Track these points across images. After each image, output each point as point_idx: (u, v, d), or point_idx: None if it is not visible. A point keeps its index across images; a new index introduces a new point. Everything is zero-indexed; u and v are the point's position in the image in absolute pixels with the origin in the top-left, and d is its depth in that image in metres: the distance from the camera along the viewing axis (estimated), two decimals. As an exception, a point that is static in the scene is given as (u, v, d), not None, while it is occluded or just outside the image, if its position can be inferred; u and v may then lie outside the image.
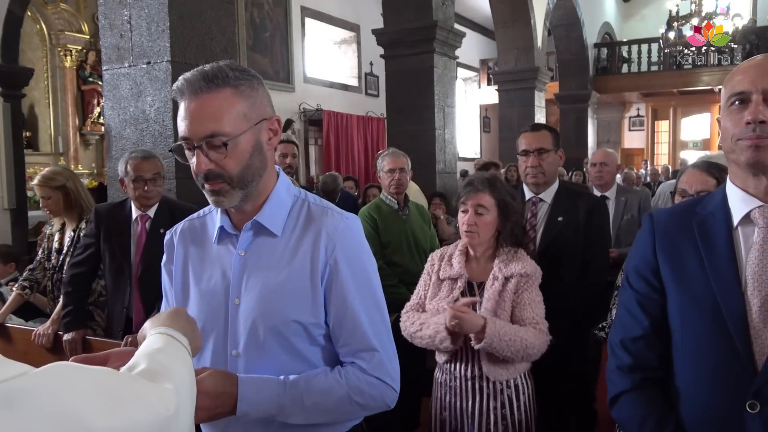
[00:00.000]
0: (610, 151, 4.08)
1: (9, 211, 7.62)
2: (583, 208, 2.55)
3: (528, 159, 2.56)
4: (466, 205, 2.12)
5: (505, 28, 9.36)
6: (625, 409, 1.26)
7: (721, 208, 1.19)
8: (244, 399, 1.12)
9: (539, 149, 2.54)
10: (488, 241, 2.14)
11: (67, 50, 9.02)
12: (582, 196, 2.68)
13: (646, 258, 1.25)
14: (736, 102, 1.15)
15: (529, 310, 2.05)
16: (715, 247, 1.16)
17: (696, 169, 2.01)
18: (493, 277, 2.09)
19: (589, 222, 2.54)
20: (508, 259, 2.10)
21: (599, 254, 2.57)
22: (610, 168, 3.88)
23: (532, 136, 2.58)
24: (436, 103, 6.08)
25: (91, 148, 9.56)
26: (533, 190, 2.62)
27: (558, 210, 2.57)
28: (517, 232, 2.16)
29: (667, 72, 13.78)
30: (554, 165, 2.59)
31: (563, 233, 2.52)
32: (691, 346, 1.17)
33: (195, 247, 1.33)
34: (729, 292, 1.11)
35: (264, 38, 9.47)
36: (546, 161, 2.55)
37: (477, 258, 2.17)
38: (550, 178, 2.60)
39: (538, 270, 2.13)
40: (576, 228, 2.52)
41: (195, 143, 1.15)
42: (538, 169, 2.55)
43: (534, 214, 2.61)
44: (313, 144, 10.71)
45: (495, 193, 2.10)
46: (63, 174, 3.23)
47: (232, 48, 3.55)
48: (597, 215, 2.59)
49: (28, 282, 3.33)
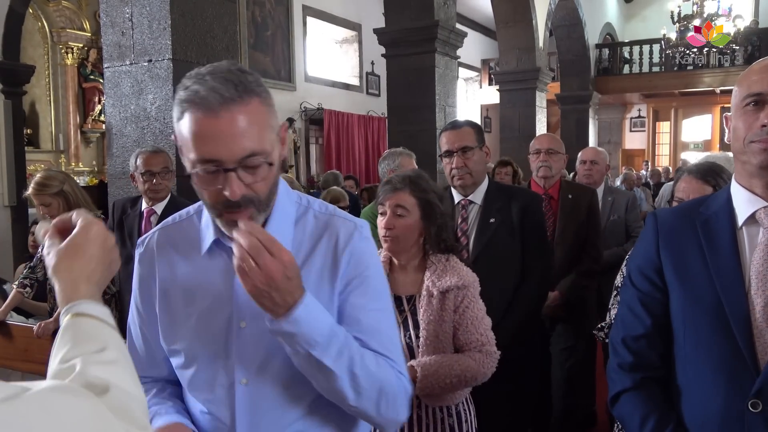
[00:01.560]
0: (600, 149, 3.98)
1: (9, 208, 7.62)
2: (516, 207, 2.37)
3: (452, 160, 2.38)
4: (384, 206, 1.86)
5: (506, 28, 9.36)
6: (626, 407, 1.26)
7: (725, 208, 1.19)
8: None
9: (463, 148, 2.36)
10: (412, 248, 1.88)
11: (69, 48, 9.02)
12: (515, 193, 2.50)
13: (650, 257, 1.24)
14: (751, 103, 1.13)
15: (473, 331, 1.81)
16: (718, 247, 1.15)
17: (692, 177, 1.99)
18: (426, 293, 1.82)
19: (524, 221, 2.36)
20: (440, 270, 1.84)
21: (538, 255, 2.38)
22: (600, 167, 3.77)
23: (454, 134, 2.41)
24: (437, 103, 6.07)
25: (91, 145, 9.57)
26: (461, 192, 2.44)
27: (489, 211, 2.39)
28: (446, 236, 1.89)
29: (669, 73, 13.78)
30: (480, 163, 2.41)
31: (497, 236, 2.34)
32: (693, 346, 1.17)
33: (181, 261, 1.14)
34: (732, 292, 1.11)
35: (265, 37, 9.47)
36: (471, 160, 2.37)
37: (403, 267, 1.90)
38: (478, 178, 2.42)
39: (475, 279, 1.88)
40: (510, 229, 2.35)
41: (228, 166, 0.97)
42: (464, 169, 2.37)
43: (465, 219, 2.42)
44: (313, 143, 10.71)
45: (416, 192, 1.84)
46: (57, 178, 3.15)
47: (234, 46, 3.55)
48: (531, 213, 2.41)
49: (29, 280, 3.34)
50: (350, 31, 11.62)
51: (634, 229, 3.75)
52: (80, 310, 0.87)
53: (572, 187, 3.23)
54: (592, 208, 3.12)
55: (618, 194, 3.88)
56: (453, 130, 2.44)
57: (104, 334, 0.85)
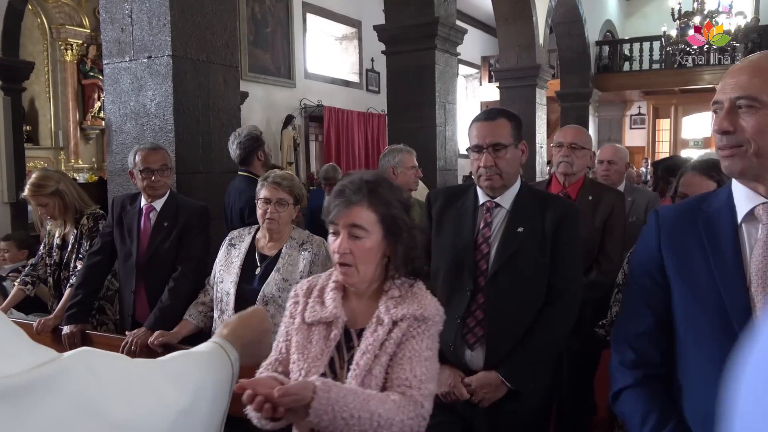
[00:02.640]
0: (619, 146, 3.72)
1: (9, 205, 7.62)
2: (550, 217, 2.02)
3: (481, 157, 2.01)
4: (336, 225, 1.47)
5: (506, 25, 9.34)
6: (627, 404, 1.26)
7: (726, 205, 1.19)
8: None
9: (495, 144, 1.99)
10: (375, 274, 1.51)
11: (68, 44, 9.00)
12: (550, 200, 2.13)
13: (652, 254, 1.24)
14: (716, 111, 1.16)
15: (406, 368, 1.41)
16: (720, 244, 1.16)
17: (695, 173, 1.99)
18: (376, 321, 1.47)
19: (557, 235, 2.01)
20: (399, 296, 1.49)
21: (570, 277, 2.04)
22: (618, 166, 3.55)
23: (486, 127, 2.02)
24: (437, 100, 6.07)
25: (91, 142, 9.55)
26: (488, 193, 2.09)
27: (518, 218, 2.04)
28: (415, 256, 1.53)
29: (669, 70, 13.76)
30: (514, 163, 2.06)
31: (524, 248, 2.00)
32: (694, 343, 1.17)
33: None
34: (734, 289, 1.11)
35: (265, 33, 9.45)
36: (504, 159, 2.00)
37: (359, 295, 1.54)
38: (510, 179, 2.06)
39: (439, 313, 1.51)
40: (541, 241, 2.01)
41: None
42: (494, 169, 2.00)
43: (488, 224, 2.07)
44: (313, 140, 10.70)
45: (377, 205, 1.46)
46: (53, 177, 3.18)
47: (233, 43, 3.54)
48: (567, 226, 2.03)
49: (30, 277, 3.34)
50: (350, 27, 11.60)
51: None
52: (223, 344, 1.08)
53: (596, 188, 2.87)
54: (615, 214, 2.74)
55: (638, 194, 3.64)
56: (486, 121, 2.04)
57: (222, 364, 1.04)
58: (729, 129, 1.11)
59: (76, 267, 3.13)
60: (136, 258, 2.84)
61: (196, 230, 2.82)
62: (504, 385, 1.96)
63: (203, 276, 2.66)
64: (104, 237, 2.97)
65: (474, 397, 1.98)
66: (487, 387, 1.97)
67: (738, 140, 1.11)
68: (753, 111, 1.10)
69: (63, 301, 3.00)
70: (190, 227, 2.82)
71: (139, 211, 2.89)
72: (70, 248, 3.20)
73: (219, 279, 2.47)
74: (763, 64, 1.12)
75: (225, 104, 3.49)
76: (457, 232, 2.09)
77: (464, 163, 12.03)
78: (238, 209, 3.22)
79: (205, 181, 3.39)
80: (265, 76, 9.34)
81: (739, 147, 1.11)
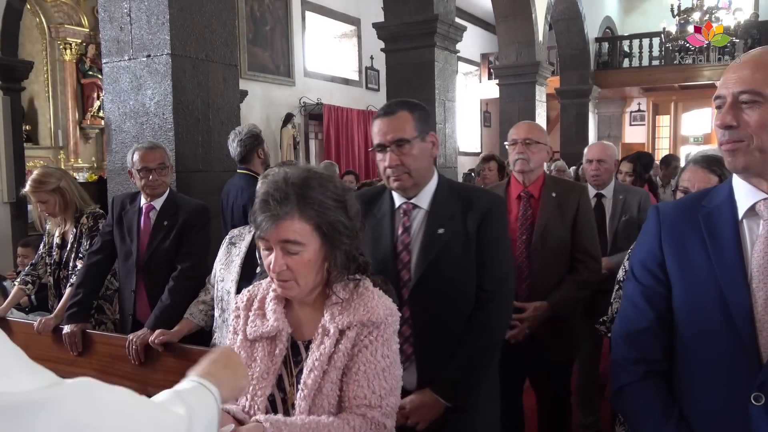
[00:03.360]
0: (607, 144, 3.60)
1: (9, 204, 7.61)
2: (473, 213, 1.82)
3: (385, 156, 1.82)
4: (267, 241, 1.31)
5: (506, 22, 9.33)
6: (629, 401, 1.26)
7: (727, 201, 1.19)
8: None
9: (397, 141, 1.80)
10: (316, 282, 1.36)
11: (67, 43, 8.99)
12: (472, 194, 1.91)
13: (652, 251, 1.24)
14: (719, 106, 1.16)
15: (363, 385, 1.28)
16: (721, 240, 1.15)
17: (698, 167, 1.99)
18: (321, 332, 1.33)
19: (482, 231, 1.82)
20: (344, 301, 1.35)
21: (498, 276, 1.85)
22: (608, 165, 3.43)
23: (387, 123, 1.82)
24: (436, 98, 6.07)
25: (90, 141, 9.54)
26: (403, 195, 1.89)
27: (438, 218, 1.83)
28: (357, 254, 1.38)
29: (669, 66, 13.75)
30: (423, 158, 1.85)
31: (447, 252, 1.80)
32: (696, 339, 1.17)
33: None
34: (735, 285, 1.11)
35: (264, 32, 9.44)
36: (410, 155, 1.81)
37: (303, 304, 1.40)
38: (421, 177, 1.85)
39: (392, 314, 1.36)
40: (464, 241, 1.81)
41: None
42: (400, 168, 1.81)
43: (407, 229, 1.86)
44: (313, 138, 10.69)
45: (309, 213, 1.29)
46: (54, 174, 3.19)
47: (232, 41, 3.54)
48: (493, 221, 1.84)
49: (30, 277, 3.34)
50: (349, 25, 11.59)
51: None
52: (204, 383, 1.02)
53: (558, 184, 2.73)
54: (582, 210, 2.62)
55: (630, 193, 3.51)
56: (385, 117, 1.83)
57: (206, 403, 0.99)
58: (732, 123, 1.11)
59: (75, 266, 3.13)
60: (136, 257, 2.84)
61: (196, 229, 2.83)
62: (440, 402, 1.78)
63: (203, 275, 2.66)
64: (104, 236, 2.97)
65: (409, 422, 1.77)
66: (422, 407, 1.78)
67: (741, 135, 1.11)
68: (756, 106, 1.10)
69: (63, 301, 3.00)
70: (190, 226, 2.82)
71: (139, 210, 2.89)
72: (69, 247, 3.20)
73: (219, 278, 2.47)
74: (765, 59, 1.12)
75: (224, 103, 3.49)
76: (376, 242, 1.85)
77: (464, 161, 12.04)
78: (241, 206, 3.22)
79: (204, 180, 3.39)
80: (264, 74, 9.32)
81: (740, 142, 1.11)
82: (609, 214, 3.41)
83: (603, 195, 3.45)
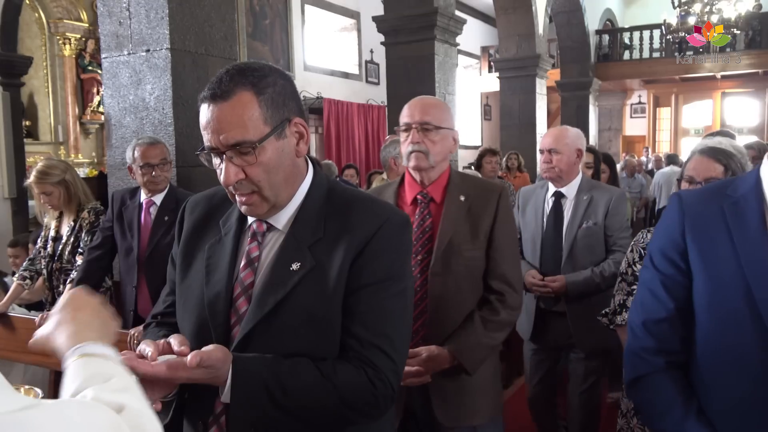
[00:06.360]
0: (565, 128, 2.85)
1: (9, 200, 7.61)
2: (349, 240, 1.18)
3: (222, 166, 1.20)
4: None
5: (506, 14, 9.31)
6: (648, 392, 1.22)
7: (753, 191, 1.14)
8: None
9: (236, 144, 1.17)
10: None
11: (66, 38, 8.99)
12: (359, 205, 1.24)
13: (674, 239, 1.20)
14: None
15: None
16: (747, 231, 1.11)
17: (703, 156, 1.98)
18: None
19: (353, 274, 1.17)
20: None
21: (376, 343, 1.16)
22: (563, 156, 2.71)
23: (215, 114, 1.17)
24: (437, 91, 6.05)
25: (91, 137, 9.55)
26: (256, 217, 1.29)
27: (295, 246, 1.20)
28: None
29: (669, 59, 13.71)
30: (280, 165, 1.19)
31: (299, 298, 1.16)
32: (717, 331, 1.13)
33: None
34: (761, 277, 1.07)
35: (264, 26, 9.42)
36: (257, 165, 1.16)
37: None
38: (280, 192, 1.20)
39: None
40: (327, 284, 1.17)
41: None
42: (245, 185, 1.19)
43: (250, 262, 1.23)
44: (313, 132, 10.68)
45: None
46: (59, 167, 3.20)
47: (232, 35, 3.52)
48: (372, 258, 1.18)
49: (28, 272, 3.35)
50: (349, 19, 11.55)
51: (616, 240, 2.71)
52: (85, 351, 0.92)
53: (467, 184, 1.99)
54: (501, 219, 1.93)
55: (597, 191, 2.78)
56: (213, 103, 1.16)
57: (110, 368, 0.90)
58: None
59: (71, 260, 3.15)
60: (137, 253, 2.85)
61: (196, 224, 2.83)
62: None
63: (204, 269, 2.66)
64: (104, 231, 2.99)
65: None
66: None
67: None
68: None
69: None
70: (191, 221, 2.82)
71: (140, 205, 2.90)
72: (65, 240, 3.21)
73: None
74: None
75: (224, 97, 3.48)
76: (209, 274, 1.27)
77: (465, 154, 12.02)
78: None
79: (204, 175, 3.38)
80: (264, 68, 9.31)
81: None
82: (568, 218, 2.75)
83: (563, 194, 2.79)
